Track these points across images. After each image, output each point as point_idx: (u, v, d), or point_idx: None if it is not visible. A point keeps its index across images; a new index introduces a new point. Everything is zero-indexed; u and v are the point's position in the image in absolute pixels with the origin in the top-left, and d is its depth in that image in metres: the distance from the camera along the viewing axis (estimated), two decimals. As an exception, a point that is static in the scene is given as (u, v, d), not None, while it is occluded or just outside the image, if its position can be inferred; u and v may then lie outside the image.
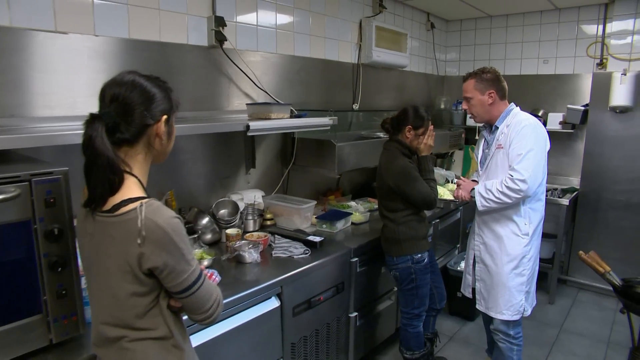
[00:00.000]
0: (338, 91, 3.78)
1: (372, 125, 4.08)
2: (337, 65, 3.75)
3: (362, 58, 3.96)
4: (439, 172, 4.41)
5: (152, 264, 1.20)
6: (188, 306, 1.29)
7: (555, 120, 4.68)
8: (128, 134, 1.25)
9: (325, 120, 2.93)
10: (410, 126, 2.57)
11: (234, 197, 2.87)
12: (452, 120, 5.30)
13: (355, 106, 3.94)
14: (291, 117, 2.85)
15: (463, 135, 4.79)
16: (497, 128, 2.61)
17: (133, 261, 1.20)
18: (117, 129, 1.23)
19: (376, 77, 4.27)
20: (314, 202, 3.03)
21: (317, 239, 2.63)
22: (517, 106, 2.67)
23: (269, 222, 2.94)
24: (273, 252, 2.51)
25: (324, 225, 2.95)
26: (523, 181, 2.41)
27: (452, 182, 4.34)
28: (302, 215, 2.92)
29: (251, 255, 2.32)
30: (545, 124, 4.76)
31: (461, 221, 4.07)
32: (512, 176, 2.44)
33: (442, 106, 5.13)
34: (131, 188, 1.25)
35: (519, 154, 2.44)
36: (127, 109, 1.23)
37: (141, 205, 1.20)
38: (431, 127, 2.61)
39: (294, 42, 3.32)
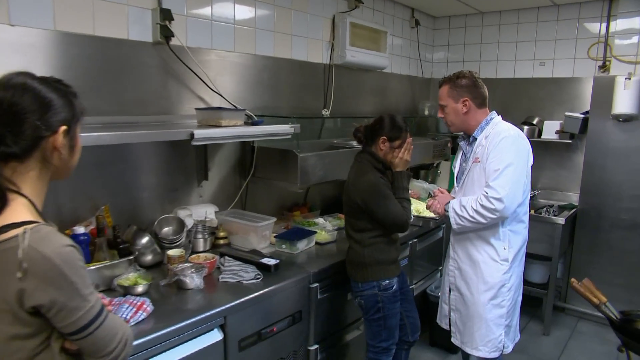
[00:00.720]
0: (307, 95, 3.78)
1: (347, 133, 4.07)
2: (306, 67, 3.74)
3: (335, 58, 3.97)
4: (421, 185, 4.42)
5: (36, 301, 1.14)
6: (86, 348, 1.23)
7: (551, 129, 4.70)
8: (16, 147, 1.19)
9: (285, 128, 2.91)
10: (385, 137, 2.57)
11: (182, 213, 2.83)
12: (438, 128, 5.32)
13: (326, 112, 3.93)
14: (246, 124, 2.83)
15: (449, 145, 4.80)
16: (475, 139, 2.64)
17: (12, 298, 1.13)
18: (1, 142, 1.18)
19: (351, 79, 4.27)
20: (273, 219, 3.01)
21: (273, 261, 2.60)
22: (498, 115, 2.69)
23: (222, 242, 2.91)
24: (221, 276, 2.47)
25: (284, 246, 2.93)
26: (499, 200, 2.42)
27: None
28: (259, 233, 2.89)
29: (193, 281, 2.28)
30: (540, 133, 4.79)
31: (444, 240, 4.08)
32: (487, 194, 2.45)
33: (427, 112, 5.17)
34: (17, 211, 1.19)
35: (495, 169, 2.45)
36: (15, 117, 1.17)
37: (25, 232, 1.13)
38: (409, 139, 2.61)
39: (255, 40, 3.31)
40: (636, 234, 4.31)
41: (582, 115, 4.52)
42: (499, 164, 2.44)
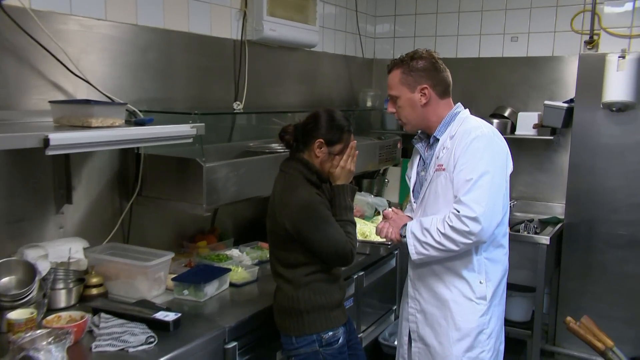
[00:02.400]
0: (212, 83, 3.80)
1: (268, 133, 4.11)
2: (209, 43, 3.73)
3: (249, 32, 3.95)
4: (364, 199, 4.44)
5: None
6: None
7: (527, 122, 4.78)
8: None
9: (185, 129, 2.83)
10: (321, 140, 2.60)
11: (32, 254, 2.66)
12: (385, 124, 5.38)
13: (238, 105, 3.91)
14: (127, 123, 2.74)
15: (399, 146, 4.82)
16: (437, 140, 2.70)
17: None
18: None
19: (271, 61, 4.28)
20: (170, 255, 2.97)
21: (171, 315, 2.53)
22: (465, 108, 2.74)
23: (95, 291, 2.82)
24: (95, 344, 2.34)
25: (186, 291, 2.89)
26: (474, 220, 2.46)
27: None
28: (151, 276, 2.83)
29: (50, 356, 2.09)
30: (514, 128, 4.90)
31: (397, 272, 4.09)
32: (458, 212, 2.48)
33: (369, 103, 5.17)
34: None
35: (467, 179, 2.50)
36: None
37: None
38: (353, 143, 2.65)
39: (136, 5, 3.24)
40: (638, 253, 4.43)
41: (565, 105, 4.60)
42: (472, 173, 2.49)
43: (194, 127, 2.88)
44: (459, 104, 2.74)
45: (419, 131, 2.80)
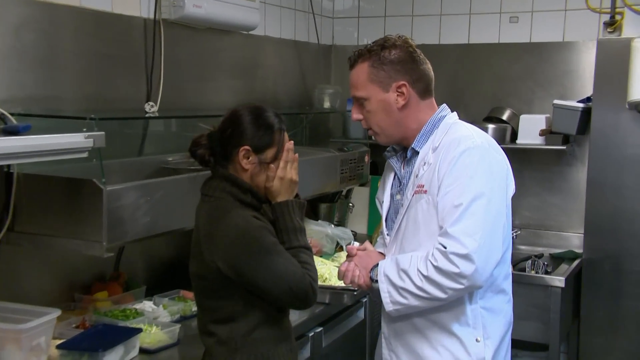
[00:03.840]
0: (115, 76, 3.77)
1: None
2: (109, 23, 3.70)
3: (164, 9, 3.94)
4: (321, 230, 4.49)
5: None
6: None
7: (532, 128, 4.81)
8: None
9: (77, 140, 2.74)
10: (247, 147, 2.61)
11: None
12: (348, 131, 5.41)
13: (152, 107, 3.87)
14: None
15: (367, 159, 4.83)
16: (417, 154, 2.74)
17: None
18: None
19: (196, 47, 4.30)
20: (56, 312, 2.87)
21: None
22: (452, 111, 2.80)
23: None
24: None
25: None
26: (465, 258, 2.47)
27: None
28: (26, 343, 2.73)
29: None
30: (515, 135, 4.95)
31: (367, 327, 4.10)
32: (444, 248, 2.50)
33: (328, 104, 5.20)
34: None
35: (456, 204, 2.52)
36: None
37: None
38: (289, 144, 2.69)
39: None
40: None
41: (580, 105, 4.61)
42: (461, 196, 2.52)
43: (90, 136, 2.79)
44: (444, 105, 2.77)
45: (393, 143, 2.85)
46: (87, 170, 3.00)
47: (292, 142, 2.68)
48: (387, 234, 2.83)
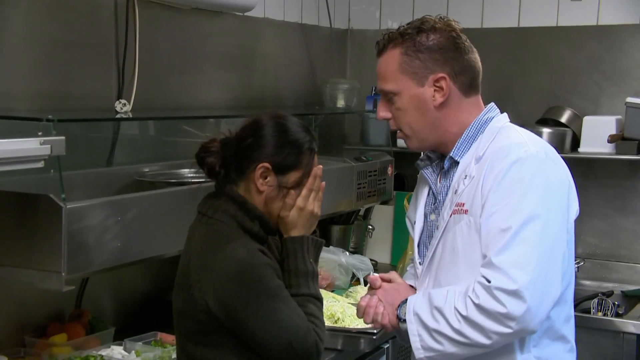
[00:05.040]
0: (77, 67, 3.78)
1: (174, 152, 4.19)
2: (71, 2, 3.74)
3: None
4: (334, 259, 4.55)
5: None
6: None
7: (599, 132, 4.82)
8: None
9: (30, 146, 2.74)
10: (267, 165, 2.62)
11: None
12: (367, 136, 5.47)
13: (124, 106, 3.89)
14: None
15: (391, 170, 4.88)
16: (457, 164, 2.72)
17: None
18: None
19: (179, 32, 4.33)
20: None
21: None
22: (501, 112, 2.78)
23: None
24: None
25: None
26: (514, 295, 2.44)
27: (365, 283, 4.37)
28: None
29: None
30: (576, 141, 4.85)
31: None
32: (488, 282, 2.48)
33: (342, 102, 5.26)
34: None
35: (504, 228, 2.50)
36: None
37: None
38: (318, 169, 2.72)
39: None
40: None
41: None
42: (510, 219, 2.50)
43: (47, 142, 2.78)
44: (493, 105, 2.75)
45: (427, 150, 2.83)
46: (43, 184, 3.01)
47: (322, 167, 2.69)
48: (419, 263, 2.81)
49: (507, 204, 2.49)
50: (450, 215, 2.65)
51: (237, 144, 2.64)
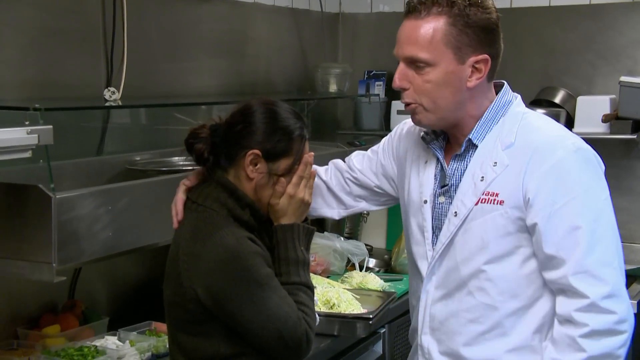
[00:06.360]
0: (64, 55, 3.77)
1: (164, 139, 4.23)
2: None
3: None
4: (328, 244, 4.57)
5: None
6: None
7: (593, 112, 4.84)
8: None
9: (17, 136, 2.74)
10: (257, 152, 2.63)
11: None
12: (360, 120, 5.47)
13: (113, 94, 3.92)
14: None
15: None
16: (474, 147, 2.68)
17: None
18: None
19: (167, 18, 4.33)
20: None
21: None
22: (515, 93, 2.76)
23: None
24: None
25: None
26: (613, 297, 2.42)
27: (361, 268, 4.49)
28: None
29: None
30: (571, 121, 4.89)
31: None
32: (588, 298, 2.42)
33: (334, 87, 5.28)
34: None
35: (575, 226, 2.47)
36: None
37: None
38: (309, 156, 2.72)
39: None
40: None
41: None
42: (581, 217, 2.47)
43: (34, 131, 2.78)
44: (506, 86, 2.70)
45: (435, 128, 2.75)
46: (31, 174, 3.01)
47: (313, 154, 2.70)
48: (429, 249, 2.74)
49: (572, 200, 2.46)
50: (477, 204, 2.59)
51: (226, 130, 2.65)
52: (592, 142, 4.68)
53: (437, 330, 2.72)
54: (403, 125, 2.96)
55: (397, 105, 5.18)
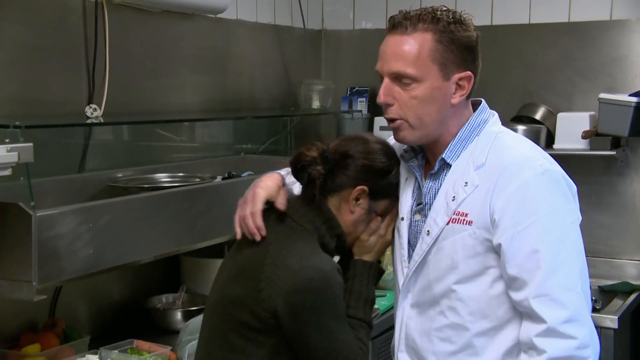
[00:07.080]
0: (45, 71, 3.77)
1: (147, 156, 4.27)
2: (39, 5, 3.73)
3: None
4: None
5: None
6: None
7: (572, 129, 4.85)
8: None
9: None
10: (364, 188, 2.64)
11: None
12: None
13: (94, 111, 3.92)
14: None
15: None
16: (448, 167, 2.67)
17: None
18: None
19: (150, 35, 4.35)
20: None
21: None
22: (493, 111, 2.75)
23: None
24: None
25: None
26: (572, 322, 2.38)
27: None
28: None
29: None
30: (551, 138, 4.91)
31: None
32: (545, 323, 2.39)
33: (317, 103, 5.27)
34: None
35: (537, 249, 2.44)
36: None
37: None
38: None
39: None
40: None
41: (634, 100, 4.62)
42: (543, 240, 2.45)
43: (14, 149, 2.79)
44: (484, 104, 2.69)
45: (405, 145, 2.74)
46: (11, 192, 2.99)
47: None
48: (404, 264, 2.73)
49: (535, 223, 2.44)
50: (448, 223, 2.58)
51: (338, 159, 2.63)
52: (573, 158, 4.75)
53: (412, 347, 2.73)
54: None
55: (379, 121, 5.16)
